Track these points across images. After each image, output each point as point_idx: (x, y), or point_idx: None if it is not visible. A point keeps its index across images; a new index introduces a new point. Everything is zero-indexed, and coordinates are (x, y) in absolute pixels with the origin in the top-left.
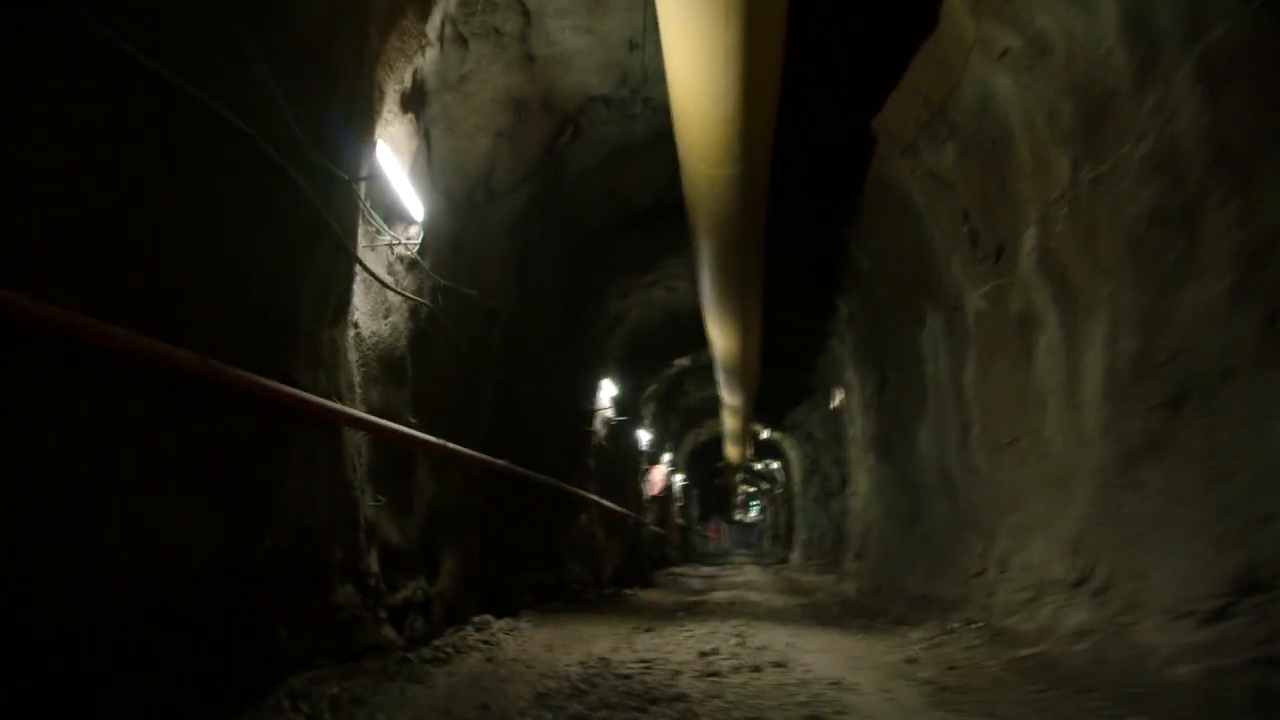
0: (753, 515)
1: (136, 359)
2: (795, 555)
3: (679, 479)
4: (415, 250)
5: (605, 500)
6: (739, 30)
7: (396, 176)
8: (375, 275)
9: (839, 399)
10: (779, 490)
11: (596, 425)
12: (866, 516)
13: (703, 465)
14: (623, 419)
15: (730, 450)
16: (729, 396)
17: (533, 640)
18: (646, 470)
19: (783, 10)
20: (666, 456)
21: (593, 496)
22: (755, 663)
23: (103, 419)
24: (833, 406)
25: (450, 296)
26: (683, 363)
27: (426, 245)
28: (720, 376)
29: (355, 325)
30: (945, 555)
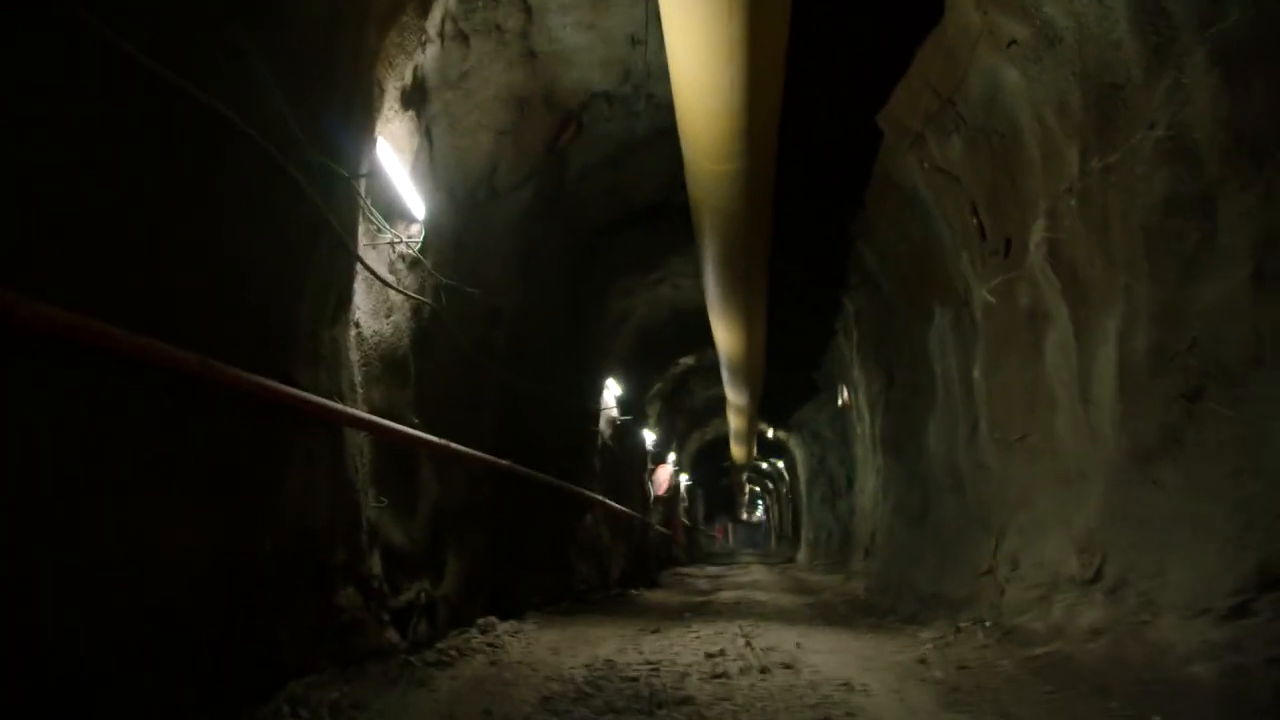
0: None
1: (134, 359)
2: (801, 555)
3: (684, 479)
4: (417, 249)
5: (611, 500)
6: (743, 21)
7: (397, 174)
8: (376, 274)
9: (845, 397)
10: (785, 489)
11: (601, 425)
12: (874, 515)
13: (708, 465)
14: (628, 419)
15: (736, 450)
16: (734, 395)
17: (538, 642)
18: (652, 470)
19: (787, 0)
20: (672, 456)
21: (598, 497)
22: (763, 664)
23: (99, 420)
24: (840, 404)
25: (453, 295)
26: (688, 361)
27: (428, 244)
28: (725, 375)
29: (356, 324)
30: (954, 553)
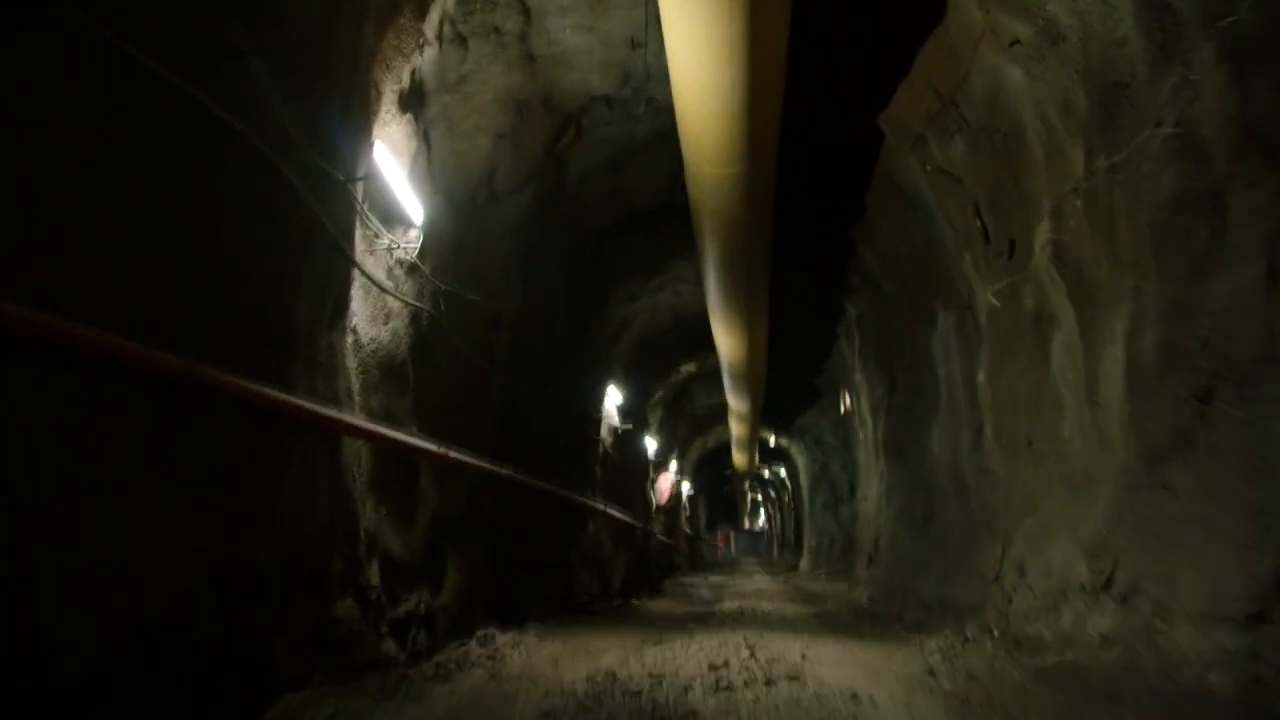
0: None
1: (120, 363)
2: (804, 562)
3: (686, 487)
4: (415, 254)
5: (612, 509)
6: (743, 22)
7: (395, 178)
8: (373, 279)
9: (848, 402)
10: (787, 497)
11: (603, 433)
12: (878, 521)
13: (710, 473)
14: (629, 426)
15: (738, 457)
16: (736, 402)
17: (538, 653)
18: (654, 478)
19: (787, 1)
20: (674, 464)
21: (600, 505)
22: (768, 676)
23: (83, 426)
24: (842, 410)
25: (452, 301)
26: (689, 368)
27: (427, 249)
28: (727, 381)
29: (354, 331)
30: (960, 560)
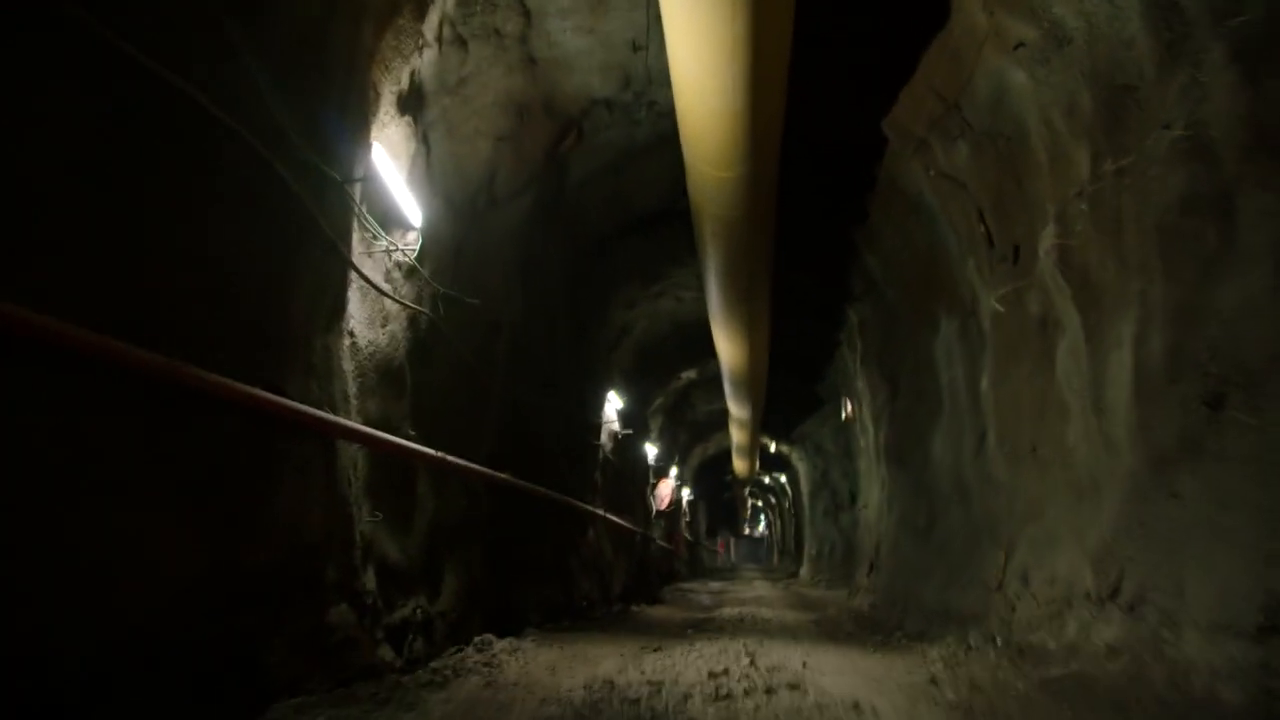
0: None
1: (111, 364)
2: (804, 569)
3: (686, 493)
4: (414, 257)
5: (613, 515)
6: (746, 21)
7: (394, 180)
8: (371, 281)
9: (849, 409)
10: (787, 504)
11: (603, 438)
12: (879, 529)
13: (711, 479)
14: (629, 432)
15: (738, 464)
16: (736, 409)
17: (536, 661)
18: (654, 484)
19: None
20: (674, 470)
21: (600, 511)
22: (768, 684)
23: (77, 427)
24: (844, 417)
25: (452, 305)
26: (690, 375)
27: (426, 252)
28: (728, 388)
29: (351, 334)
30: (962, 568)
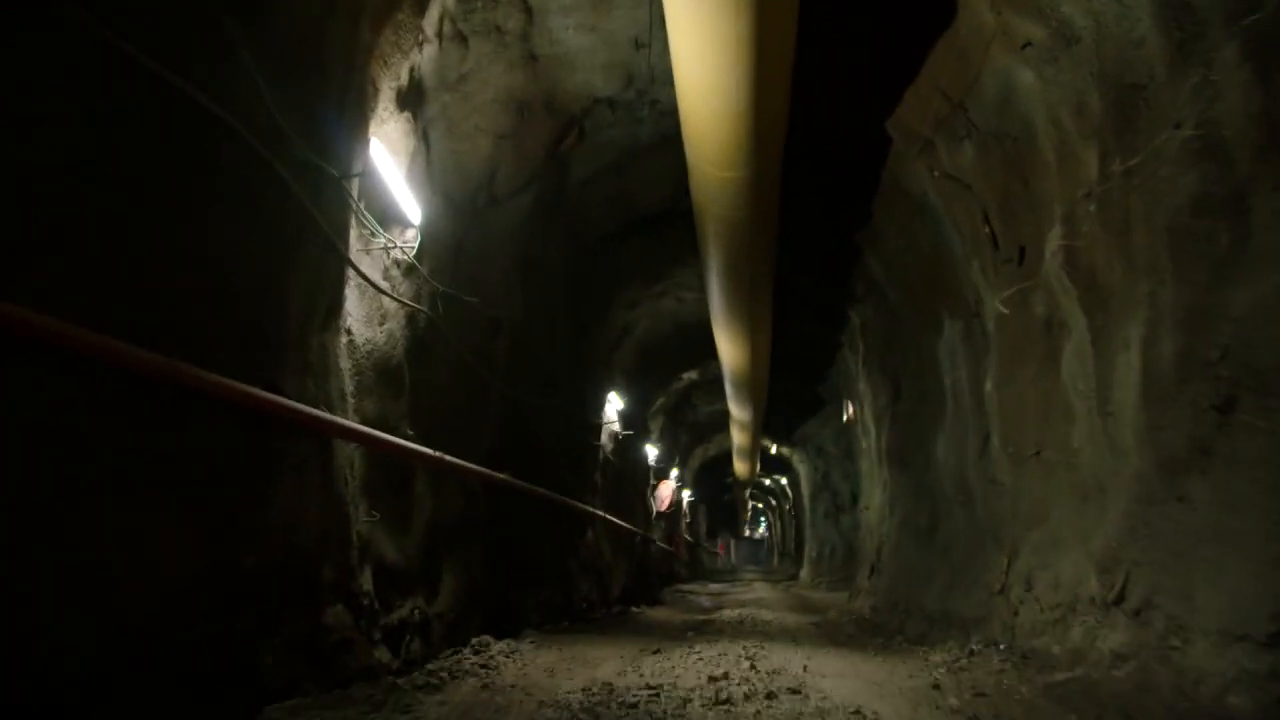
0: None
1: (105, 363)
2: (804, 572)
3: (687, 494)
4: (413, 254)
5: (612, 516)
6: (750, 20)
7: (392, 177)
8: (368, 279)
9: (851, 411)
10: (788, 505)
11: (603, 439)
12: (880, 531)
13: (711, 481)
14: (630, 433)
15: (739, 465)
16: (737, 410)
17: (534, 663)
18: (654, 485)
19: None
20: (674, 472)
21: (599, 512)
22: (769, 689)
23: (67, 427)
24: (845, 419)
25: (451, 304)
26: (691, 376)
27: (425, 250)
28: (729, 389)
29: (348, 332)
30: (965, 571)
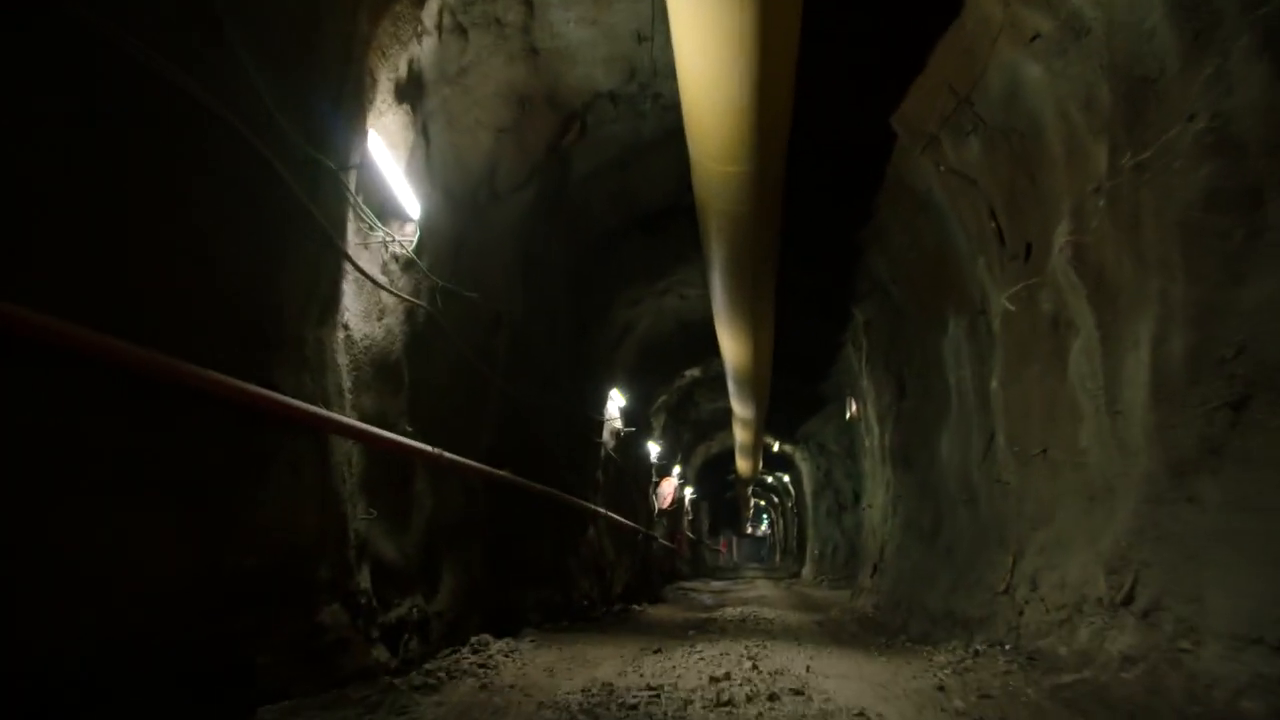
0: (763, 529)
1: (92, 358)
2: (807, 570)
3: (689, 492)
4: (412, 249)
5: (614, 514)
6: (754, 12)
7: (391, 171)
8: (365, 272)
9: (854, 409)
10: (790, 503)
11: (605, 436)
12: (883, 530)
13: (713, 478)
14: (632, 430)
15: (741, 463)
16: (740, 408)
17: (533, 663)
18: (656, 483)
19: None
20: (677, 469)
21: (601, 510)
22: (771, 690)
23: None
24: (848, 416)
25: (452, 300)
26: (694, 373)
27: (424, 244)
28: (731, 387)
29: (345, 327)
30: (969, 571)
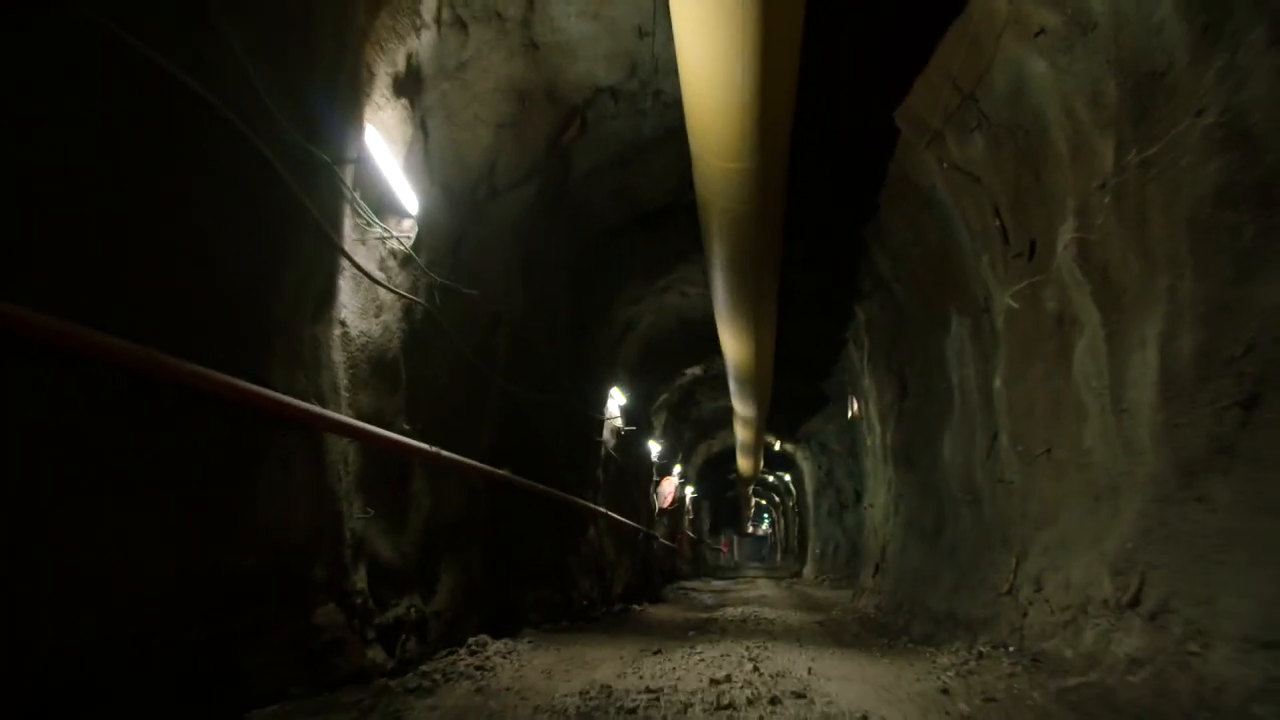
0: (764, 528)
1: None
2: (808, 569)
3: (690, 491)
4: (410, 245)
5: (614, 513)
6: (757, 6)
7: (389, 166)
8: (361, 268)
9: (855, 408)
10: (791, 503)
11: (606, 435)
12: (885, 530)
13: (714, 477)
14: (633, 429)
15: (742, 462)
16: (741, 407)
17: (531, 664)
18: (657, 482)
19: None
20: (678, 468)
21: (601, 509)
22: (772, 693)
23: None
24: (850, 415)
25: (451, 298)
26: (695, 372)
27: (423, 241)
28: (733, 386)
29: (342, 323)
30: (971, 571)
